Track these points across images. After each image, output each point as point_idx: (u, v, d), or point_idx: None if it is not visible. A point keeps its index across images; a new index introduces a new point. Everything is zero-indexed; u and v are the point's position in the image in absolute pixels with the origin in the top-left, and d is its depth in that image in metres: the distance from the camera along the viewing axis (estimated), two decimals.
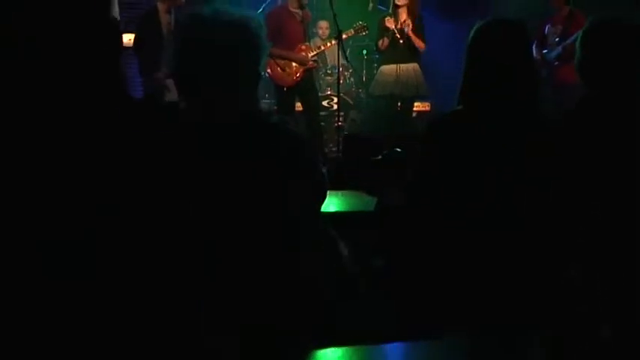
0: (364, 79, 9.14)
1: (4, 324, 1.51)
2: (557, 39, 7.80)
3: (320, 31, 9.43)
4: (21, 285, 1.52)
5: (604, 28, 2.77)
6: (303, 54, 7.66)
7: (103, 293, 1.55)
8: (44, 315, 1.55)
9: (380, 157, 4.42)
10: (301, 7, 7.65)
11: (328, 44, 8.01)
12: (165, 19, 7.29)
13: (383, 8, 8.95)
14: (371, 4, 9.25)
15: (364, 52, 9.39)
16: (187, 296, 1.68)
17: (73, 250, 1.54)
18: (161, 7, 7.29)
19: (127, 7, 8.93)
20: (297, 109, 7.97)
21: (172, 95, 7.27)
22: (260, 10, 8.85)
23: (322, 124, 8.12)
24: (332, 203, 3.45)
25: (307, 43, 7.74)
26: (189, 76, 2.18)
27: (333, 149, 7.95)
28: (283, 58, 7.65)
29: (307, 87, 7.77)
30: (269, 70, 7.69)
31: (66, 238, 1.54)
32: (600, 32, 2.77)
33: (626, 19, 2.76)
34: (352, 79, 9.08)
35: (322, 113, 8.47)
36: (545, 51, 7.81)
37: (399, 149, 5.07)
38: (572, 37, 7.48)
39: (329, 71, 8.91)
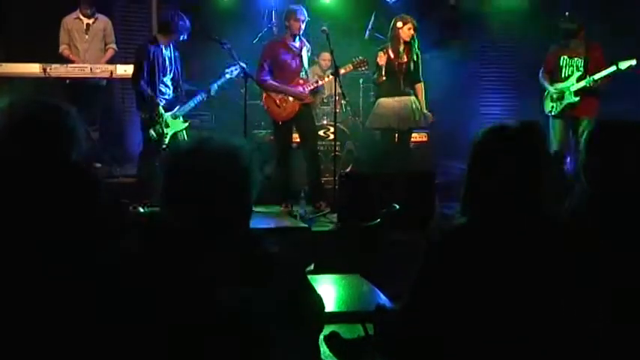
0: (361, 108, 9.09)
1: None
2: (576, 70, 7.78)
3: (322, 63, 9.42)
4: None
5: (610, 132, 2.72)
6: (301, 89, 7.61)
7: None
8: None
9: (378, 219, 4.35)
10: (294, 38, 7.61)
11: (326, 79, 7.94)
12: (165, 52, 7.27)
13: (380, 36, 8.92)
14: (368, 33, 9.20)
15: (360, 80, 9.36)
16: None
17: None
18: (161, 40, 7.25)
19: (123, 38, 8.90)
20: (295, 140, 7.93)
21: (171, 129, 7.27)
22: (256, 39, 8.87)
23: (320, 153, 8.03)
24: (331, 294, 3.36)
25: (305, 76, 7.67)
26: (177, 203, 2.13)
27: (330, 179, 7.88)
28: (279, 92, 7.61)
29: (304, 120, 7.72)
30: (265, 105, 7.63)
31: None
32: (607, 137, 2.72)
33: (631, 118, 2.72)
34: (349, 109, 9.03)
35: (319, 143, 8.40)
36: (567, 84, 7.76)
37: (396, 205, 5.04)
38: (600, 75, 7.58)
39: (325, 100, 8.87)
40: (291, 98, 7.59)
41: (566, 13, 8.74)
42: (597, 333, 2.41)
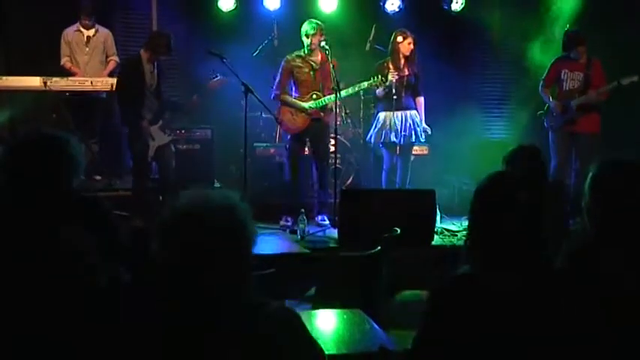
0: (361, 119, 9.08)
1: None
2: (577, 85, 7.79)
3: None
4: None
5: (613, 174, 2.72)
6: (304, 104, 7.64)
7: None
8: None
9: (378, 247, 4.33)
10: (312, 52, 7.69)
11: (325, 97, 7.90)
12: (148, 68, 7.26)
13: (380, 48, 8.91)
14: (368, 44, 9.18)
15: (361, 92, 9.32)
16: None
17: None
18: (144, 55, 7.25)
19: (124, 50, 8.90)
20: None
21: (157, 143, 7.26)
22: (256, 52, 8.85)
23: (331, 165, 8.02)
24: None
25: (318, 92, 7.69)
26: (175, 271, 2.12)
27: (330, 191, 7.89)
28: (290, 106, 7.73)
29: (316, 135, 7.80)
30: (280, 116, 7.74)
31: None
32: (610, 178, 2.72)
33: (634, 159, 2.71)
34: (349, 121, 9.02)
35: None
36: (574, 101, 7.76)
37: (397, 229, 5.03)
38: (595, 94, 7.64)
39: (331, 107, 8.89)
40: (302, 112, 7.70)
41: (567, 25, 8.83)
42: None
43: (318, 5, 9.24)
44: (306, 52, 7.68)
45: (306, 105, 7.69)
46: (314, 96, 7.71)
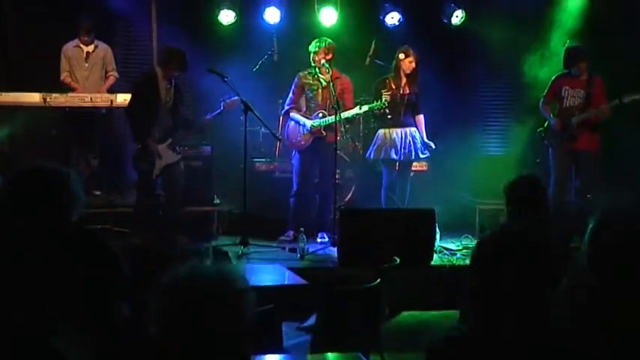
0: (361, 134, 9.09)
1: None
2: (578, 102, 7.76)
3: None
4: None
5: (614, 225, 2.70)
6: (308, 122, 7.76)
7: None
8: None
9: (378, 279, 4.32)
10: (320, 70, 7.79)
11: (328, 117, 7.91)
12: (164, 85, 7.26)
13: (380, 62, 8.93)
14: (368, 59, 9.20)
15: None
16: None
17: None
18: (160, 73, 7.24)
19: (124, 65, 8.89)
20: None
21: (164, 161, 7.26)
22: (256, 67, 8.85)
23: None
24: None
25: (324, 110, 7.75)
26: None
27: (331, 208, 7.89)
28: (296, 122, 7.88)
29: (319, 153, 7.85)
30: (284, 131, 7.93)
31: None
32: (611, 229, 2.70)
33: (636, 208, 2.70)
34: (348, 136, 9.03)
35: None
36: (574, 119, 7.74)
37: (396, 258, 5.02)
38: (596, 111, 7.64)
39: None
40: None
41: (567, 40, 8.82)
42: None
43: (318, 19, 9.22)
44: (315, 69, 7.78)
45: (308, 123, 7.72)
46: (320, 114, 7.75)
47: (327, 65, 7.66)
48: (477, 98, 10.07)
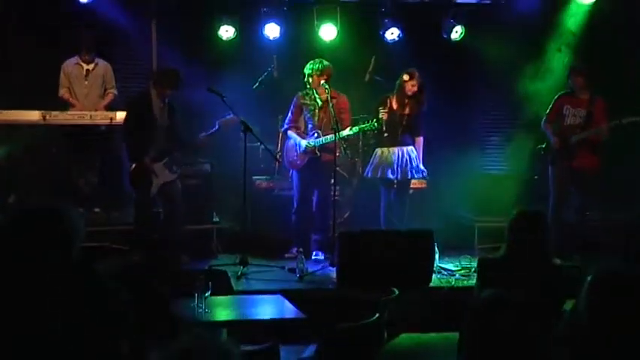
0: (360, 150, 9.10)
1: None
2: (579, 122, 7.80)
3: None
4: None
5: (608, 286, 2.73)
6: (303, 141, 7.80)
7: None
8: None
9: (377, 315, 4.33)
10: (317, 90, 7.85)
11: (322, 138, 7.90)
12: (158, 104, 7.29)
13: (379, 79, 8.94)
14: (367, 75, 9.21)
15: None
16: None
17: None
18: (154, 92, 7.28)
19: (124, 82, 8.90)
20: None
21: (160, 180, 7.28)
22: (256, 85, 8.86)
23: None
24: None
25: (319, 131, 7.79)
26: None
27: (329, 225, 7.91)
28: (292, 142, 7.95)
29: (315, 172, 7.90)
30: (283, 151, 8.04)
31: None
32: (605, 291, 2.73)
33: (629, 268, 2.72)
34: (348, 152, 9.03)
35: None
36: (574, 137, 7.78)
37: (395, 290, 5.03)
38: (596, 131, 7.70)
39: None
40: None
41: (567, 58, 8.86)
42: None
43: (318, 34, 9.23)
44: (312, 90, 7.85)
45: (303, 143, 7.76)
46: (315, 134, 7.78)
47: (327, 86, 7.67)
48: (476, 114, 10.07)
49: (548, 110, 8.05)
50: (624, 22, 9.04)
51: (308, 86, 7.84)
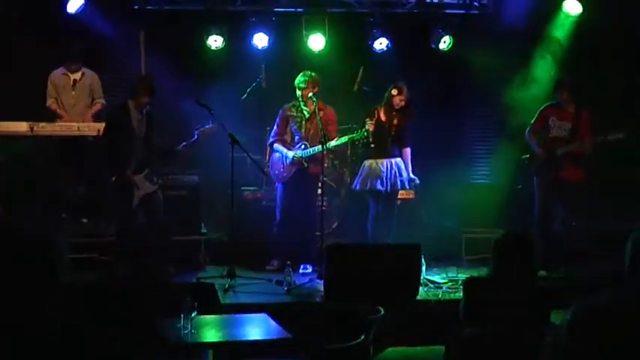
0: (349, 160, 9.13)
1: None
2: (564, 134, 7.84)
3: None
4: None
5: (589, 323, 2.75)
6: (290, 153, 7.82)
7: None
8: None
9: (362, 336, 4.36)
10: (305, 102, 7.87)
11: (310, 149, 7.91)
12: (137, 115, 7.30)
13: (368, 89, 8.97)
14: (356, 86, 9.23)
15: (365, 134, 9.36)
16: None
17: None
18: (132, 104, 7.28)
19: (111, 90, 8.91)
20: None
21: (142, 192, 7.28)
22: (244, 95, 8.88)
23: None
24: None
25: (307, 142, 7.81)
26: None
27: (317, 233, 7.93)
28: (278, 155, 7.99)
29: (303, 185, 7.94)
30: (269, 164, 7.99)
31: None
32: (587, 324, 2.75)
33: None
34: (336, 162, 9.08)
35: None
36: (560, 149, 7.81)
37: (381, 309, 5.05)
38: (581, 144, 7.72)
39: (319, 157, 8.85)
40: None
41: (555, 68, 8.89)
42: None
43: (306, 44, 9.25)
44: (299, 102, 7.85)
45: (290, 154, 7.79)
46: (302, 146, 7.81)
47: (315, 98, 7.70)
48: (464, 125, 10.12)
49: (533, 120, 8.07)
50: (610, 33, 9.08)
51: (298, 98, 7.84)
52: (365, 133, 7.64)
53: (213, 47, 9.12)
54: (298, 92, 7.82)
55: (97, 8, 8.58)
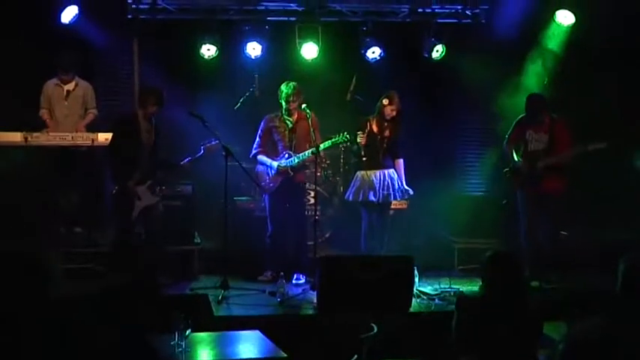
0: (341, 169, 9.15)
1: None
2: (542, 147, 7.86)
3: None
4: None
5: (584, 348, 2.79)
6: (275, 162, 7.89)
7: None
8: None
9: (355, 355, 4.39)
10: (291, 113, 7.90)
11: (305, 155, 7.93)
12: (145, 126, 7.32)
13: (360, 99, 8.99)
14: (349, 95, 9.26)
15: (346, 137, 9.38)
16: None
17: None
18: (141, 114, 7.32)
19: (105, 100, 8.90)
20: None
21: (143, 203, 7.30)
22: (237, 105, 8.90)
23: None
24: None
25: (290, 151, 7.83)
26: None
27: (310, 242, 7.96)
28: (263, 165, 7.99)
29: (290, 194, 7.96)
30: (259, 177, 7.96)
31: None
32: (581, 354, 2.79)
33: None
34: (330, 171, 9.11)
35: None
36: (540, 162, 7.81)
37: (374, 325, 5.09)
38: (561, 156, 7.73)
39: (307, 164, 8.85)
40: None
41: (546, 79, 8.93)
42: None
43: (299, 53, 9.26)
44: (283, 112, 7.88)
45: (275, 164, 7.82)
46: (286, 155, 7.85)
47: (308, 110, 7.74)
48: (457, 134, 10.15)
49: (509, 133, 8.08)
50: (604, 44, 9.11)
51: (285, 109, 7.87)
52: (347, 137, 7.68)
53: (206, 56, 9.12)
54: (285, 104, 7.84)
55: (90, 18, 8.56)
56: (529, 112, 7.89)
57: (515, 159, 7.94)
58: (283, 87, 7.87)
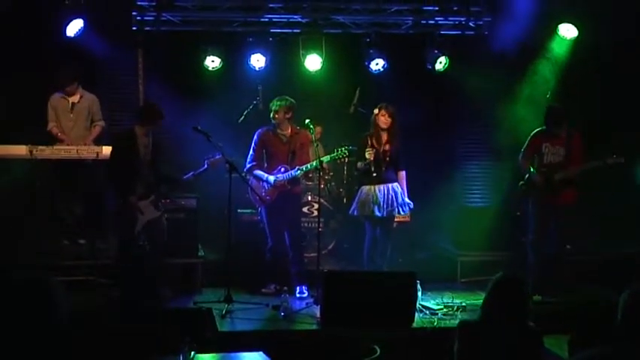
0: (344, 181, 9.17)
1: None
2: (559, 160, 7.88)
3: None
4: None
5: None
6: (271, 177, 7.88)
7: None
8: None
9: None
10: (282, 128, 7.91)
11: (306, 169, 7.95)
12: (144, 141, 7.36)
13: (364, 111, 9.01)
14: (352, 107, 9.28)
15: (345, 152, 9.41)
16: None
17: None
18: (139, 130, 7.35)
19: (110, 113, 8.93)
20: None
21: (146, 217, 7.34)
22: (241, 118, 8.93)
23: (303, 243, 8.30)
24: None
25: (286, 165, 7.85)
26: None
27: (313, 254, 7.99)
28: (258, 180, 7.97)
29: (285, 207, 7.96)
30: (254, 189, 7.90)
31: None
32: None
33: None
34: (333, 183, 9.13)
35: (303, 219, 8.58)
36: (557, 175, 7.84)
37: (377, 348, 5.12)
38: (579, 170, 7.78)
39: (310, 175, 8.87)
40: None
41: (549, 92, 8.95)
42: None
43: (303, 64, 9.29)
44: (275, 126, 7.91)
45: (271, 178, 7.84)
46: (282, 169, 7.87)
47: (312, 125, 7.78)
48: (460, 146, 10.17)
49: (524, 147, 8.07)
50: (607, 57, 9.14)
51: (274, 121, 7.90)
52: (345, 152, 7.76)
53: (210, 68, 9.16)
54: (272, 115, 7.89)
55: (95, 30, 8.59)
56: (549, 123, 7.90)
57: (533, 172, 7.95)
58: (273, 101, 7.92)
